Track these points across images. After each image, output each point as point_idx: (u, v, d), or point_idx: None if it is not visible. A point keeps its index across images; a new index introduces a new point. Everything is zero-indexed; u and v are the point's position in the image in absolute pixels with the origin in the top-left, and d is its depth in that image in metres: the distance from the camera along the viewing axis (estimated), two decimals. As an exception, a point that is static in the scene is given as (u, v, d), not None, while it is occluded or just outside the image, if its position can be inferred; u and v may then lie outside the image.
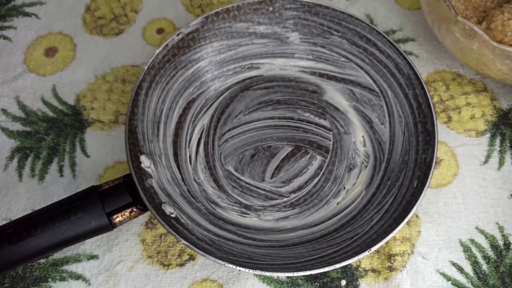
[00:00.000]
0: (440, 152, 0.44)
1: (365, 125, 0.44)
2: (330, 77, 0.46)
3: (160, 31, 0.52)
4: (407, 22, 0.51)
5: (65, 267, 0.39)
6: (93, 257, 0.39)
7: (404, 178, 0.39)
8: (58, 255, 0.40)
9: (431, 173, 0.36)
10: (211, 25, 0.45)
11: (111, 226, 0.35)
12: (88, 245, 0.40)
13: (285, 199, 0.42)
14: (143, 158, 0.39)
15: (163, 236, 0.40)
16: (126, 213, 0.36)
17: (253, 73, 0.47)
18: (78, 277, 0.39)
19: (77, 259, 0.39)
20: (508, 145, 0.44)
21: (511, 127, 0.44)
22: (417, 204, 0.35)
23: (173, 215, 0.37)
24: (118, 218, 0.36)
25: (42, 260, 0.39)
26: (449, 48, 0.44)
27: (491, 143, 0.44)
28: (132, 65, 0.49)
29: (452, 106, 0.46)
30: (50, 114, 0.46)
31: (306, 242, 0.38)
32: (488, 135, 0.44)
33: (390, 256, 0.38)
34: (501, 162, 0.43)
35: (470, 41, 0.39)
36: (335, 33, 0.45)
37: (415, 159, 0.39)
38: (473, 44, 0.39)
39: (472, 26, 0.38)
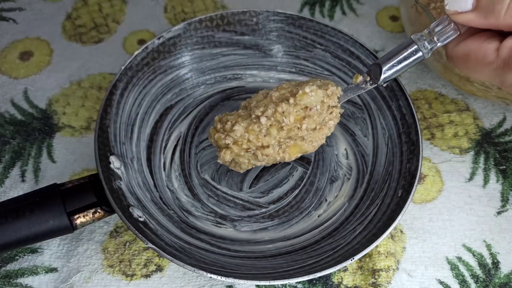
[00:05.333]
0: (424, 168, 0.42)
1: (347, 138, 0.43)
2: (313, 91, 0.45)
3: (141, 42, 0.51)
4: (389, 44, 0.52)
5: (20, 280, 0.35)
6: (52, 269, 0.36)
7: (388, 188, 0.37)
8: (13, 266, 0.36)
9: (416, 181, 0.35)
10: (194, 32, 0.44)
11: (71, 227, 0.32)
12: (47, 256, 0.36)
13: (264, 210, 0.39)
14: (112, 158, 0.36)
15: (127, 244, 0.37)
16: (89, 213, 0.33)
17: (234, 83, 0.46)
18: (32, 290, 0.35)
19: (34, 272, 0.35)
20: (493, 163, 0.43)
21: (495, 146, 0.44)
22: (402, 213, 0.33)
23: (141, 219, 0.34)
24: (79, 218, 0.32)
25: (-8, 270, 0.35)
26: (432, 65, 0.44)
27: (475, 161, 0.43)
28: (110, 73, 0.48)
29: (435, 124, 0.45)
30: (18, 117, 0.44)
31: (285, 254, 0.35)
32: (472, 153, 0.43)
33: (374, 272, 0.36)
34: (486, 180, 0.42)
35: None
36: (319, 46, 0.45)
37: (399, 169, 0.38)
38: (455, 56, 0.39)
39: (454, 37, 0.38)
